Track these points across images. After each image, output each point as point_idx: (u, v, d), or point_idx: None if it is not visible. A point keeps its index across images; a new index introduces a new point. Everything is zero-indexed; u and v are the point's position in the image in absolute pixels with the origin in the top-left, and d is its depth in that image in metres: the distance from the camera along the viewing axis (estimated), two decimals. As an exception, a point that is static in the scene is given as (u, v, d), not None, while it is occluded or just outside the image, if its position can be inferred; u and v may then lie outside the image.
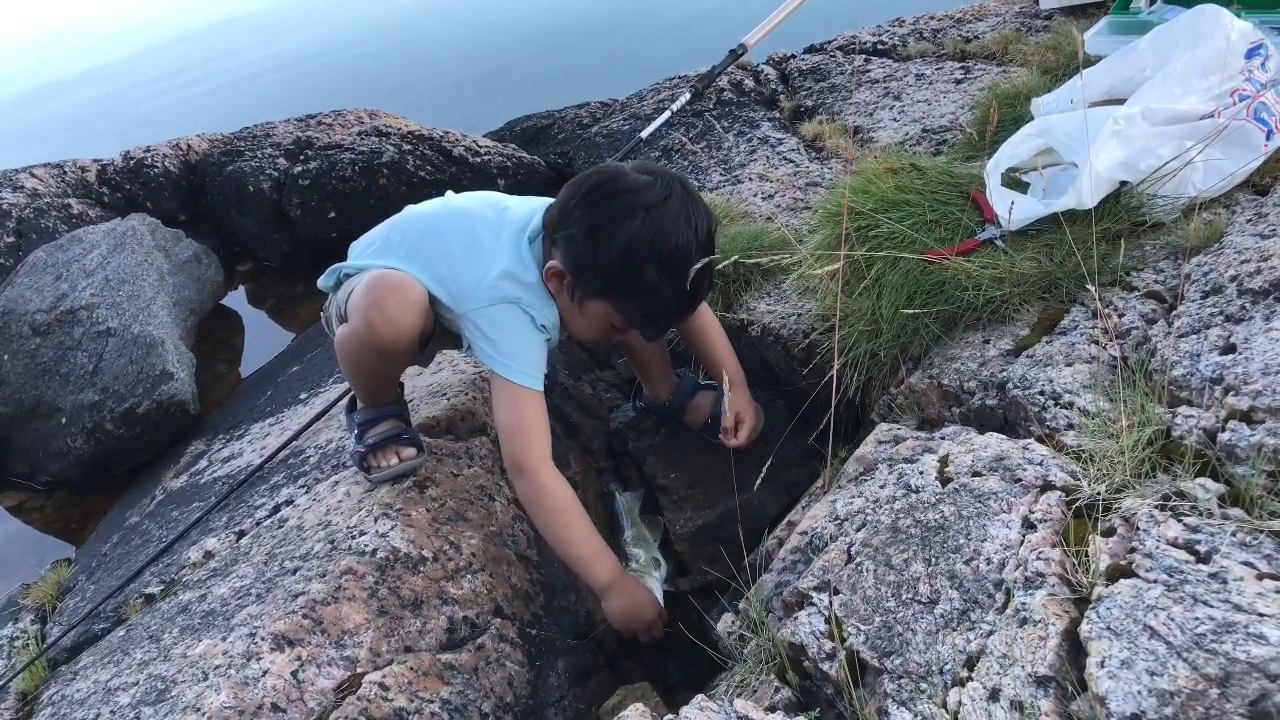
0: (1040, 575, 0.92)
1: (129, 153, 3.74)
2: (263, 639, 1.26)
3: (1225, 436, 1.00)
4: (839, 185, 1.91)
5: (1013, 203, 1.47)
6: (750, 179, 2.40)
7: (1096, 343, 1.25)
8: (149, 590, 1.60)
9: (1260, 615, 0.77)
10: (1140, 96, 1.49)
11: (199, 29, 9.33)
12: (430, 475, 1.58)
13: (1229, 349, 1.11)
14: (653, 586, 1.54)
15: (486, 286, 1.41)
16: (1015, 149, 1.57)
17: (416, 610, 1.36)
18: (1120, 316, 1.28)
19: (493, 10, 7.57)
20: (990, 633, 0.90)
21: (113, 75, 8.13)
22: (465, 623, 1.38)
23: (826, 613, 1.05)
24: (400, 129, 3.52)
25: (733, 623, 1.25)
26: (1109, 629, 0.82)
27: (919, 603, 0.98)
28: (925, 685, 0.91)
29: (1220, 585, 0.82)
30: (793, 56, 3.38)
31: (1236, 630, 0.76)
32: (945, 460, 1.17)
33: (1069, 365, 1.23)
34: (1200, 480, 0.97)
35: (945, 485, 1.12)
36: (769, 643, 1.11)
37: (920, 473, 1.16)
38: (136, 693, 1.26)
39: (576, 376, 2.18)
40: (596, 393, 2.16)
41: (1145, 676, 0.77)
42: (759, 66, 3.32)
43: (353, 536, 1.44)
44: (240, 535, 1.66)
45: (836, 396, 1.40)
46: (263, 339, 3.06)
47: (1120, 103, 1.52)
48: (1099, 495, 0.99)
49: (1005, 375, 1.29)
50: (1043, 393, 1.21)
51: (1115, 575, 0.88)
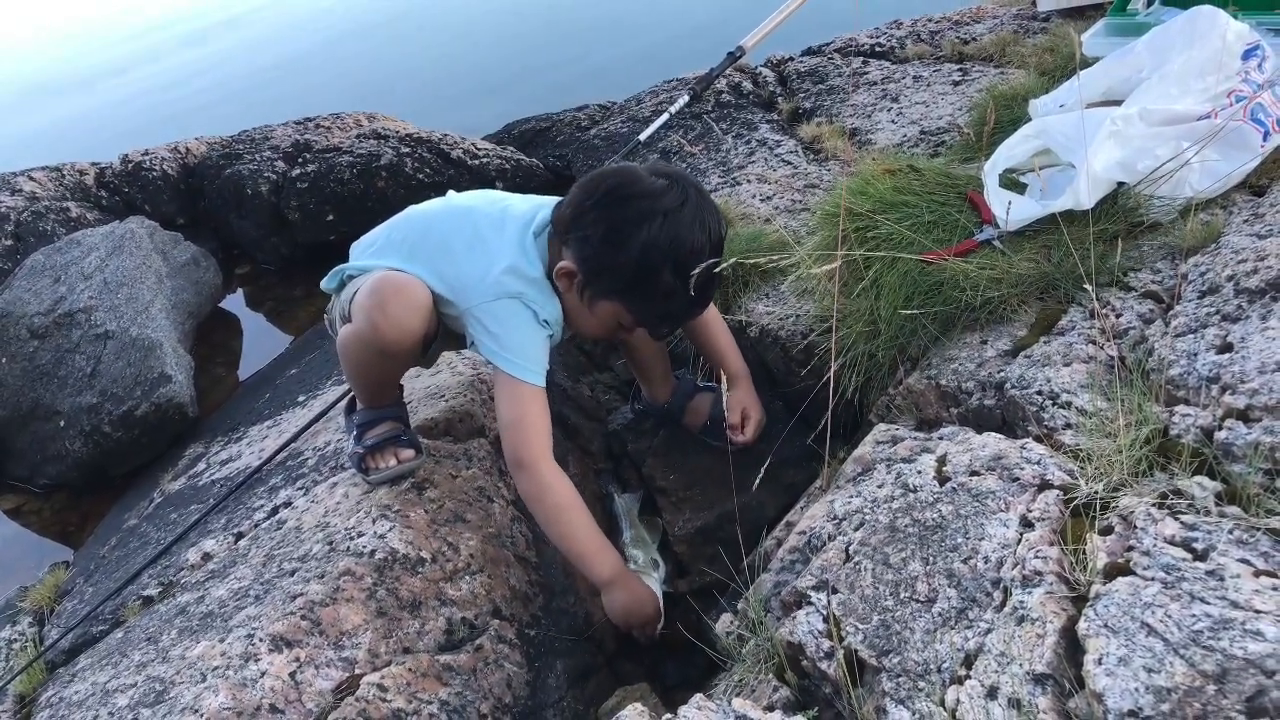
0: (1038, 573, 0.92)
1: (127, 156, 3.74)
2: (261, 640, 1.26)
3: (1222, 435, 1.00)
4: (837, 187, 1.91)
5: (1010, 203, 1.47)
6: (748, 181, 2.40)
7: (1094, 343, 1.26)
8: (147, 592, 1.60)
9: (1257, 612, 0.77)
10: (1137, 97, 1.50)
11: (198, 31, 9.33)
12: (429, 477, 1.58)
13: (1226, 348, 1.11)
14: (652, 587, 1.54)
15: (490, 282, 1.41)
16: (1013, 150, 1.58)
17: (415, 611, 1.36)
18: (1118, 316, 1.29)
19: (492, 12, 7.58)
20: (988, 631, 0.90)
21: (111, 78, 8.13)
22: (464, 624, 1.38)
23: (825, 612, 1.05)
24: (399, 131, 3.52)
25: (731, 623, 1.26)
26: (1106, 626, 0.82)
27: (917, 601, 0.98)
28: (923, 684, 0.91)
29: (1217, 582, 0.82)
30: (791, 59, 3.38)
31: (1233, 627, 0.77)
32: (943, 460, 1.17)
33: (1067, 365, 1.24)
34: (1197, 478, 0.97)
35: (943, 485, 1.12)
36: (767, 642, 1.11)
37: (918, 472, 1.16)
38: (135, 694, 1.26)
39: (575, 378, 2.18)
40: (595, 394, 2.16)
41: (1142, 673, 0.77)
42: (757, 69, 3.32)
43: (351, 538, 1.44)
44: (238, 537, 1.66)
45: (834, 397, 1.41)
46: (261, 342, 3.05)
47: (1117, 104, 1.52)
48: (1096, 494, 0.99)
49: (1003, 375, 1.29)
50: (1040, 392, 1.22)
51: (1113, 573, 0.88)
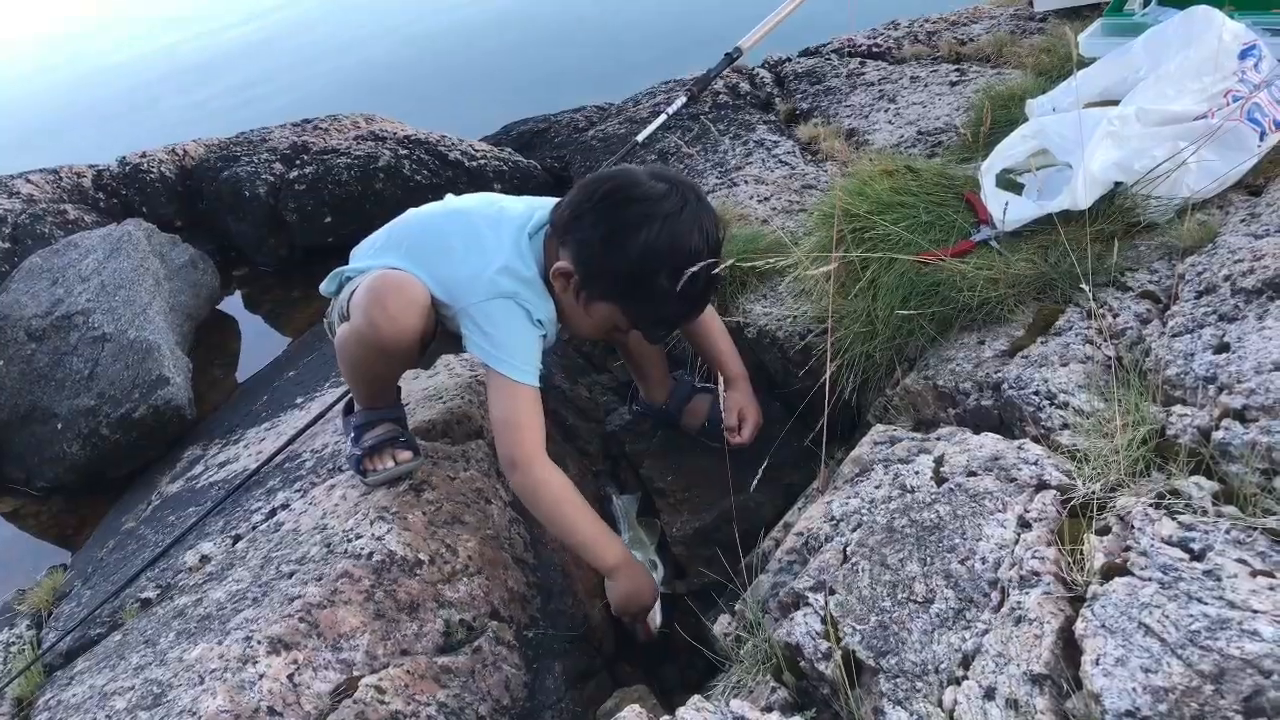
0: (1035, 574, 0.92)
1: (125, 158, 3.73)
2: (259, 642, 1.25)
3: (1219, 435, 1.00)
4: (834, 187, 1.91)
5: (1007, 204, 1.47)
6: (746, 182, 2.40)
7: (1091, 343, 1.26)
8: (145, 595, 1.60)
9: (1254, 612, 0.77)
10: (1134, 97, 1.50)
11: (196, 32, 9.33)
12: (426, 478, 1.58)
13: (1223, 348, 1.11)
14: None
15: (485, 281, 1.41)
16: (1010, 150, 1.58)
17: (413, 613, 1.36)
18: (1115, 316, 1.29)
19: (489, 14, 7.58)
20: (986, 631, 0.90)
21: (109, 80, 8.13)
22: (462, 626, 1.38)
23: (822, 613, 1.05)
24: (396, 133, 3.52)
25: (729, 624, 1.25)
26: (1104, 627, 0.82)
27: (914, 602, 0.98)
28: (921, 684, 0.91)
29: (1214, 582, 0.82)
30: (788, 60, 3.38)
31: (1230, 627, 0.77)
32: (940, 460, 1.17)
33: (1064, 365, 1.24)
34: (1194, 479, 0.97)
35: (940, 485, 1.12)
36: (765, 643, 1.11)
37: (916, 473, 1.16)
38: (132, 697, 1.26)
39: (573, 380, 2.18)
40: (593, 396, 2.16)
41: (1140, 673, 0.77)
42: (754, 70, 3.33)
43: (349, 540, 1.44)
44: (236, 539, 1.65)
45: (832, 398, 1.40)
46: (259, 344, 3.04)
47: (1114, 104, 1.52)
48: (1094, 494, 0.99)
49: (1000, 376, 1.29)
50: (1038, 393, 1.22)
51: (1110, 573, 0.88)
